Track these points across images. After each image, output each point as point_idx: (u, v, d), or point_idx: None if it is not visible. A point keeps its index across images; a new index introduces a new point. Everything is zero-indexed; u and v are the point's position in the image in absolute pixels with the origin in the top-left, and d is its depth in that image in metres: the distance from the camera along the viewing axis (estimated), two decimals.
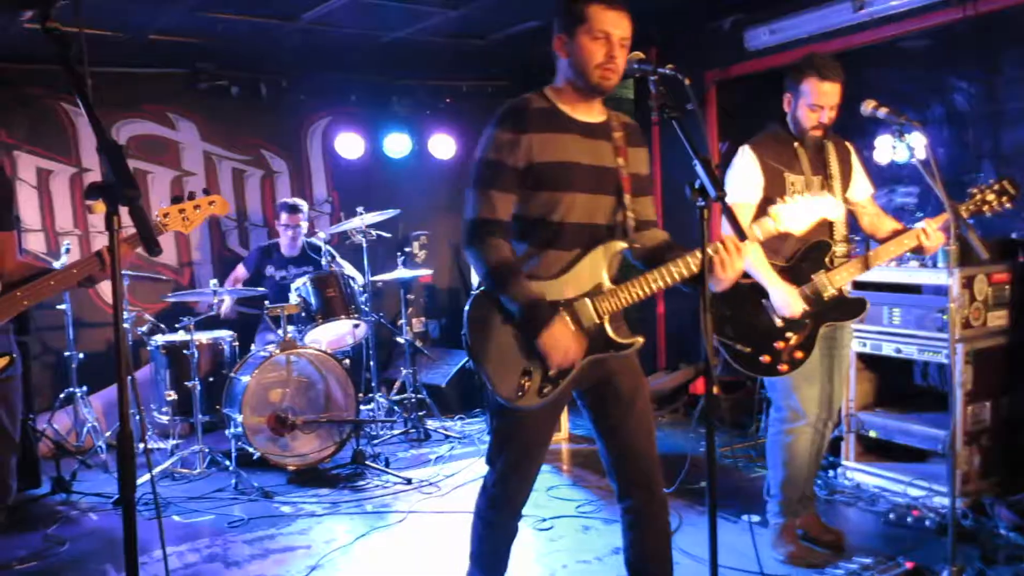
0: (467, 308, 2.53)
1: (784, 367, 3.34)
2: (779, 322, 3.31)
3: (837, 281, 3.35)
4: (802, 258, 3.36)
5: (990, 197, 3.31)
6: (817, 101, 3.29)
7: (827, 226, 3.32)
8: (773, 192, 3.26)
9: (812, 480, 3.66)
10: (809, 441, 3.49)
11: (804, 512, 3.64)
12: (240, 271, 6.23)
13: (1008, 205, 3.33)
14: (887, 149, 5.34)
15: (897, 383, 4.65)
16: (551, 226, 2.50)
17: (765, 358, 3.34)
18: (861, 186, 3.56)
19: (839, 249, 3.40)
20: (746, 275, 3.28)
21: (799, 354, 3.34)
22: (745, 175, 3.36)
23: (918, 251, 3.38)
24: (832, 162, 3.45)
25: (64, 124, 6.11)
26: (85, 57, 1.76)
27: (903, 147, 3.38)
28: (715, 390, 2.26)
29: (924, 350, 4.14)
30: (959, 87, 5.04)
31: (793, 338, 3.33)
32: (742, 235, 2.34)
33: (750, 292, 3.33)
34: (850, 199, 3.51)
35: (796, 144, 3.40)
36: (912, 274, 4.23)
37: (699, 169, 2.17)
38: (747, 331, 3.35)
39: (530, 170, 2.46)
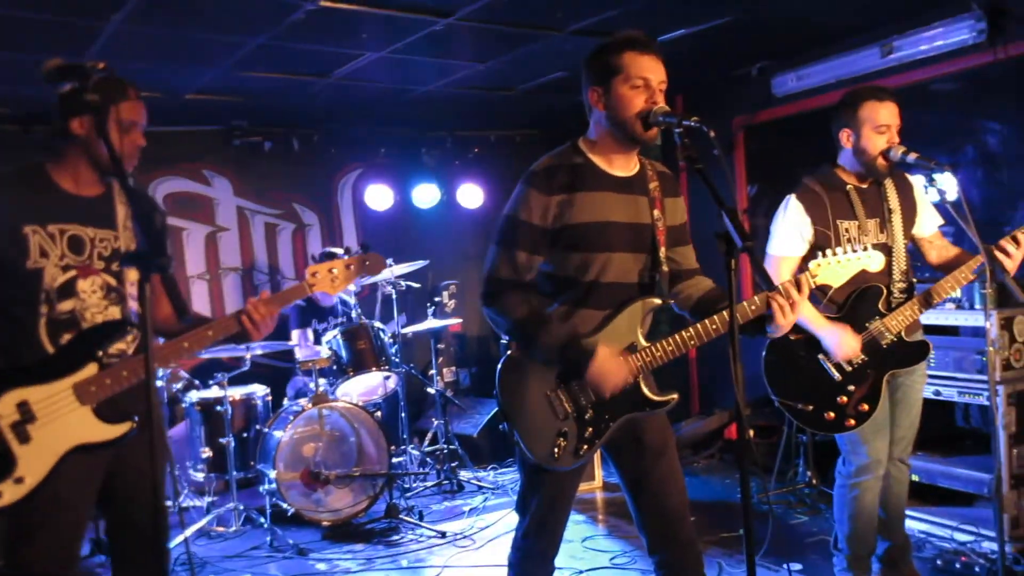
0: (499, 369, 2.49)
1: (851, 421, 3.21)
2: (838, 376, 3.20)
3: (895, 326, 3.21)
4: (854, 306, 3.22)
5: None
6: (883, 121, 3.13)
7: (886, 264, 3.18)
8: (824, 242, 3.16)
9: (901, 526, 3.50)
10: (876, 494, 3.35)
11: (903, 566, 3.49)
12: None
13: None
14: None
15: (938, 426, 4.53)
16: (584, 285, 2.45)
17: (829, 415, 3.21)
18: (928, 220, 3.41)
19: (898, 289, 3.25)
20: (798, 330, 3.18)
21: (865, 407, 3.21)
22: (790, 227, 3.24)
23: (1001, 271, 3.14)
24: (892, 199, 3.29)
25: None
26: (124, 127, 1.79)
27: (934, 190, 3.32)
28: (749, 435, 2.21)
29: (964, 392, 4.06)
30: (992, 128, 4.97)
31: (856, 391, 3.20)
32: (771, 285, 2.31)
33: (805, 348, 3.23)
34: (916, 235, 3.37)
35: (849, 187, 3.25)
36: (948, 316, 4.16)
37: (726, 220, 2.12)
38: (807, 389, 3.23)
39: (563, 232, 2.41)
